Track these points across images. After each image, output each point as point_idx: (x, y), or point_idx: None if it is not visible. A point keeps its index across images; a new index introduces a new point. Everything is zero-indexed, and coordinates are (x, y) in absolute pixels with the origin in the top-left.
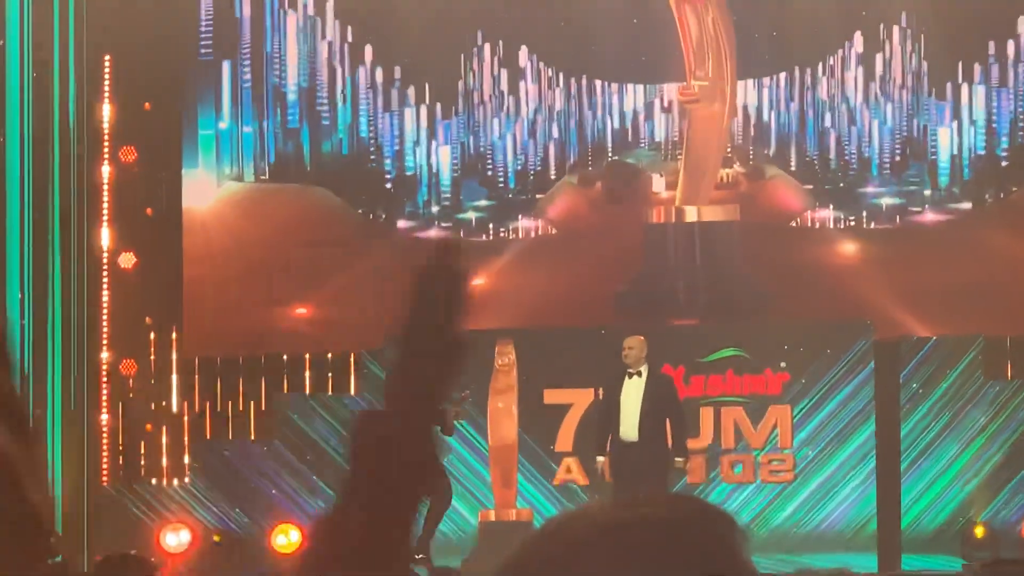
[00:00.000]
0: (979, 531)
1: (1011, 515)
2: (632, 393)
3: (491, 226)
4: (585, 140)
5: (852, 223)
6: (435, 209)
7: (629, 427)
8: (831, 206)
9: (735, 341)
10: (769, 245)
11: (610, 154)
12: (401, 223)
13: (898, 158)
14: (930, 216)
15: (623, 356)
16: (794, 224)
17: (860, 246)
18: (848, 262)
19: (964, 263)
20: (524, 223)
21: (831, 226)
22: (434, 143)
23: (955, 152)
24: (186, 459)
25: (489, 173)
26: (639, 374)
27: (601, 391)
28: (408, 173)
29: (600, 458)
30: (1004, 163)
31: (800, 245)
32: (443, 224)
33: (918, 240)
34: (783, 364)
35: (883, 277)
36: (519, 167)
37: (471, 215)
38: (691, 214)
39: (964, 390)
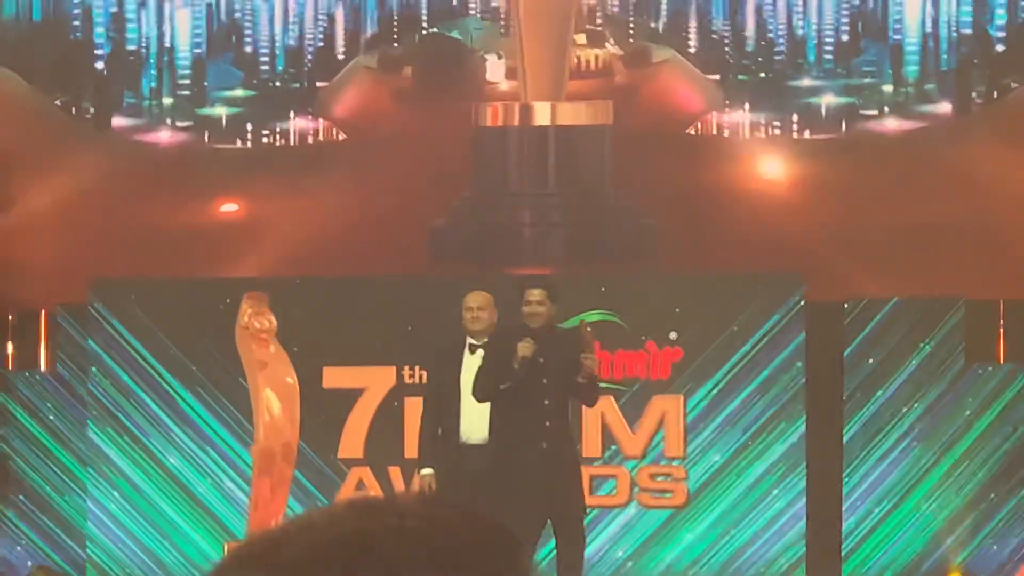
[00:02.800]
0: None
1: (1003, 558)
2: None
3: (249, 127)
4: (388, 3)
5: (778, 131)
6: (168, 101)
7: (475, 422)
8: (747, 106)
9: (604, 300)
10: (656, 161)
11: (425, 24)
12: (118, 121)
13: (845, 37)
14: (891, 123)
15: (465, 321)
16: (693, 131)
17: (789, 164)
18: (771, 188)
19: (939, 192)
20: (298, 123)
21: (747, 135)
22: (168, 4)
23: (929, 29)
24: None
25: (248, 49)
26: (484, 347)
27: (426, 374)
28: (129, 48)
29: (426, 470)
30: (999, 47)
31: (702, 161)
32: (179, 123)
33: (873, 157)
34: (673, 335)
35: (821, 210)
36: (291, 41)
37: (221, 110)
38: (543, 114)
39: (936, 376)
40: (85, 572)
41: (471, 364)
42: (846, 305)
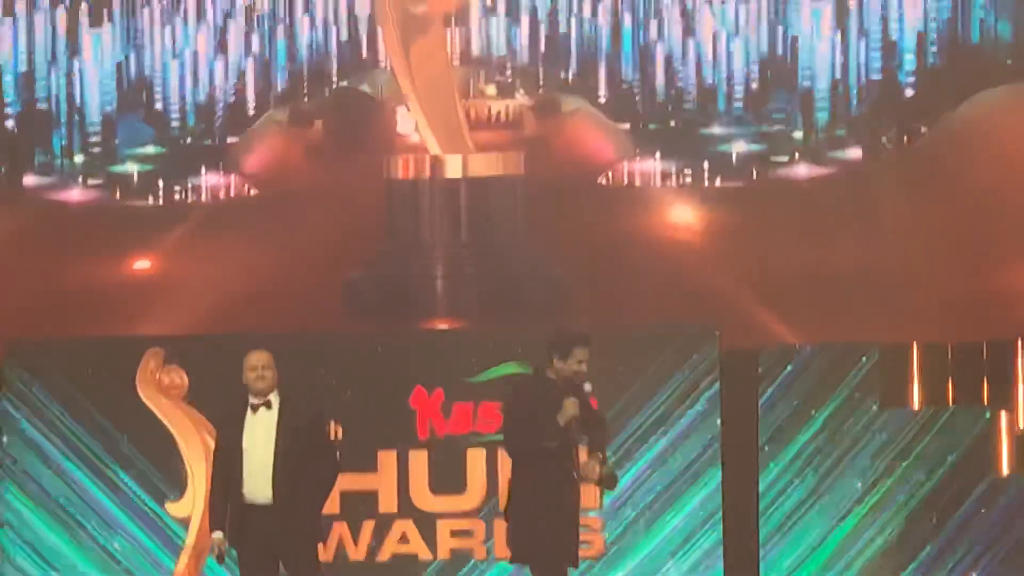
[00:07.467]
0: None
1: None
2: (260, 434)
3: (161, 184)
4: (298, 57)
5: (689, 179)
6: (79, 159)
7: (258, 483)
8: (658, 154)
9: (519, 353)
10: (568, 212)
11: (335, 79)
12: (29, 179)
13: (755, 85)
14: (802, 169)
15: (249, 380)
16: (604, 181)
17: (701, 213)
18: (683, 236)
19: (851, 238)
20: (210, 179)
21: (658, 183)
22: (77, 62)
23: (838, 76)
24: None
25: (158, 106)
26: (267, 405)
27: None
28: (40, 107)
29: (217, 534)
30: (908, 91)
31: (613, 211)
32: (91, 181)
33: (785, 204)
34: (588, 387)
35: (734, 259)
36: (201, 98)
37: (132, 168)
38: (454, 166)
39: (850, 423)
40: None
41: (253, 423)
42: (760, 353)
